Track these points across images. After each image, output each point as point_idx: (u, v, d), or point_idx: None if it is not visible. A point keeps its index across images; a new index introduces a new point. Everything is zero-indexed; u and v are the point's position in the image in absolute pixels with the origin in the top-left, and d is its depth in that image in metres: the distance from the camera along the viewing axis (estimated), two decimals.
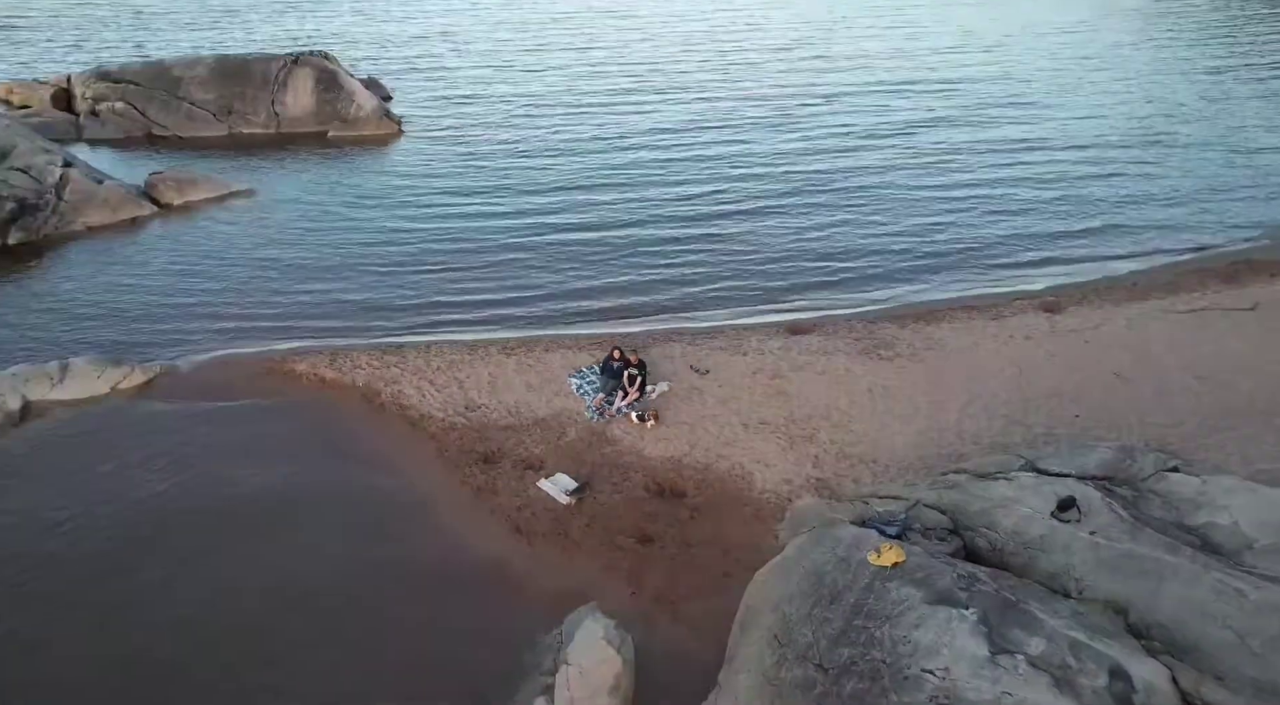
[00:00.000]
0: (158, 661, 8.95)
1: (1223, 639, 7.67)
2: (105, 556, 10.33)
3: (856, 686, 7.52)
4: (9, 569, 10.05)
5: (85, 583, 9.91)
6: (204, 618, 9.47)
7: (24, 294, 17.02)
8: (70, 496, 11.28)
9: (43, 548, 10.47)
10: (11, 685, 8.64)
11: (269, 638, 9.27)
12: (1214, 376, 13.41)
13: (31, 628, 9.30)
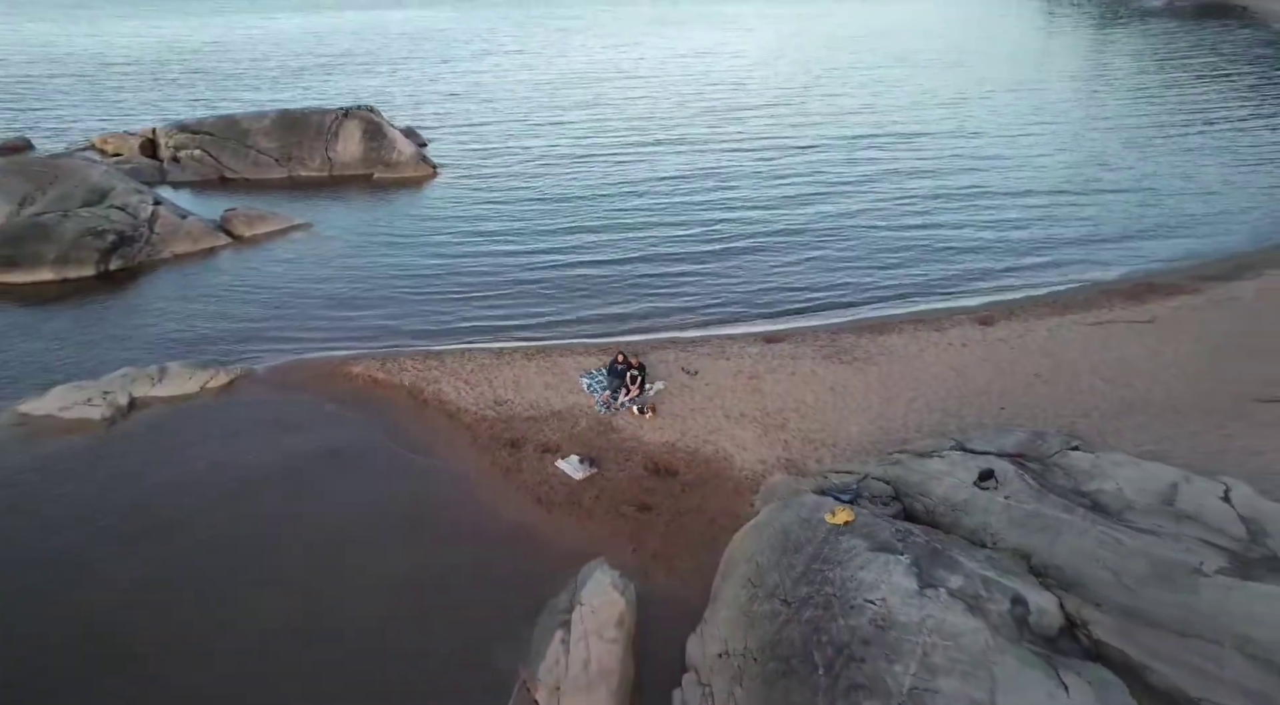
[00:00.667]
0: (256, 566, 9.88)
1: (1102, 577, 8.54)
2: (203, 509, 11.32)
3: (813, 614, 8.39)
4: (138, 509, 11.04)
5: (180, 525, 10.86)
6: (286, 544, 10.42)
7: (125, 310, 18.03)
8: (173, 468, 12.25)
9: (156, 499, 11.46)
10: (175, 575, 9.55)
11: (337, 573, 10.20)
12: (1116, 377, 14.34)
13: (171, 539, 10.24)
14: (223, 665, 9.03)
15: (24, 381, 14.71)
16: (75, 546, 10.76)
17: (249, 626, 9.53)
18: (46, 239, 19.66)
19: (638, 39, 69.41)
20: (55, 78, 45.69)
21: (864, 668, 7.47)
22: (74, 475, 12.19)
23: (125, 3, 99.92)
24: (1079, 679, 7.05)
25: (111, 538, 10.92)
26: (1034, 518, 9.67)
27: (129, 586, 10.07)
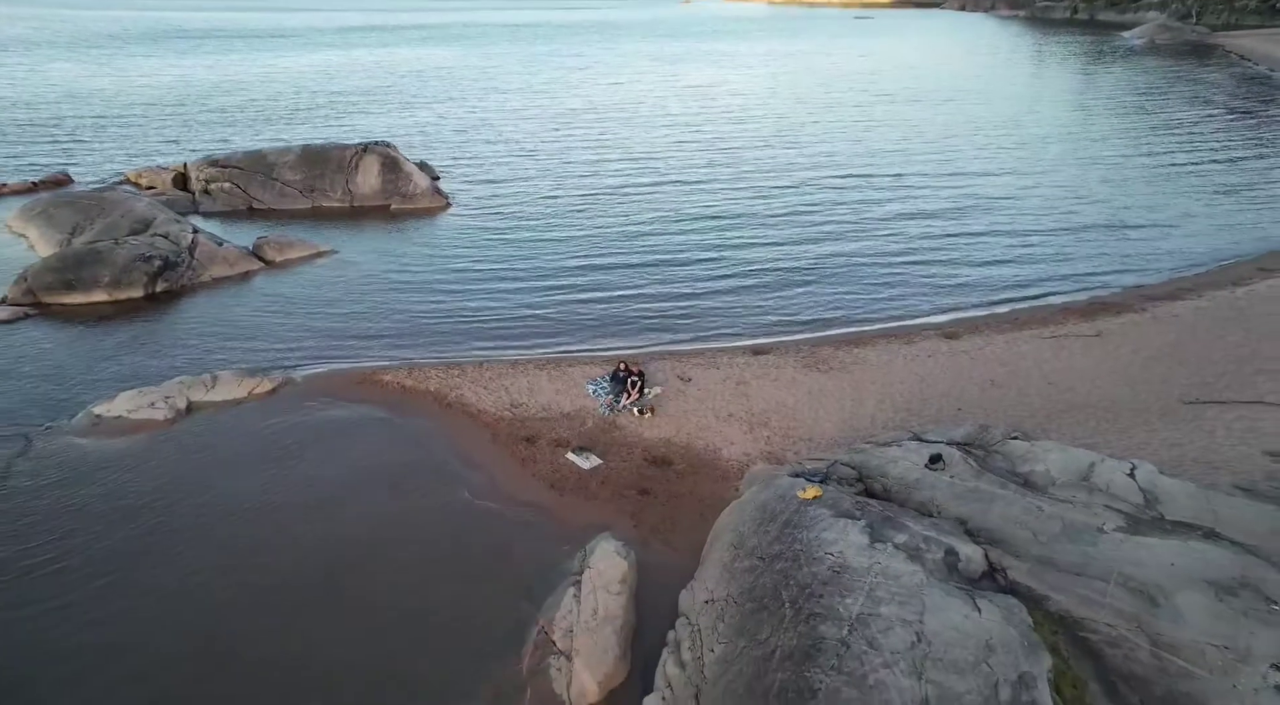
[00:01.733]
0: (305, 538, 11.70)
1: (1023, 535, 10.37)
2: (250, 492, 13.15)
3: (783, 565, 10.20)
4: (202, 490, 12.88)
5: (240, 503, 12.71)
6: (333, 520, 12.25)
7: (175, 328, 20.01)
8: (229, 458, 14.13)
9: (216, 484, 13.29)
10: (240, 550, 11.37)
11: (382, 547, 12.02)
12: (1061, 382, 16.30)
13: (233, 513, 12.08)
14: (295, 607, 10.82)
15: (93, 388, 16.63)
16: (151, 523, 12.58)
17: (314, 570, 11.35)
18: (101, 264, 21.74)
19: (638, 77, 72.76)
20: (83, 116, 48.35)
21: (821, 601, 9.28)
22: (144, 466, 14.05)
23: (137, 42, 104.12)
24: (990, 604, 8.85)
25: (182, 515, 12.75)
26: (973, 492, 11.53)
27: (196, 555, 11.89)
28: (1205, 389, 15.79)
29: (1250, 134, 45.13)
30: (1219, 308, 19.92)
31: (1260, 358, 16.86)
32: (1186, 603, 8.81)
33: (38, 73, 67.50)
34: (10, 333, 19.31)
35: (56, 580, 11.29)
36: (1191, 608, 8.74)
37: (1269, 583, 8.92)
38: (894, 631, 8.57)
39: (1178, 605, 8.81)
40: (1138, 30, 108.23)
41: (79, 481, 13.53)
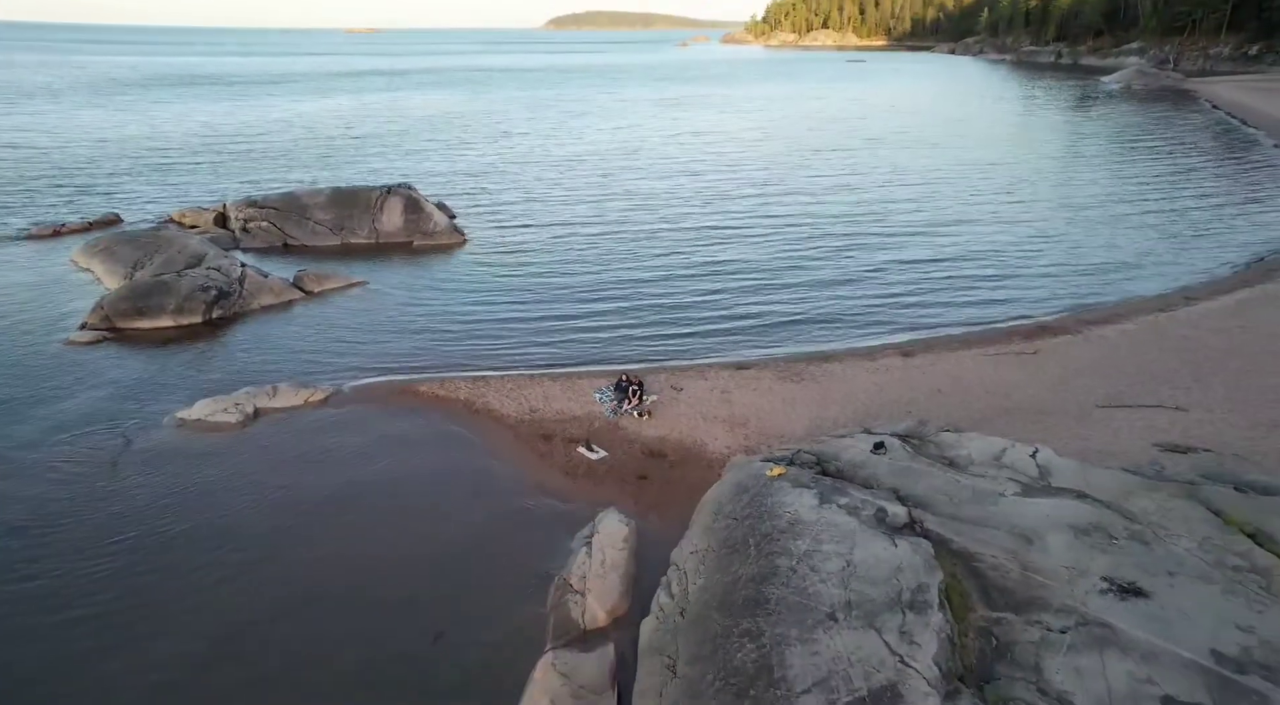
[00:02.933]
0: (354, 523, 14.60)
1: (941, 500, 13.25)
2: (298, 491, 16.07)
3: (751, 522, 13.07)
4: (273, 478, 15.81)
5: (306, 488, 15.62)
6: (386, 502, 15.16)
7: (232, 348, 23.09)
8: (294, 454, 17.08)
9: (286, 474, 16.22)
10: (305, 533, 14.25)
11: (429, 520, 14.91)
12: (998, 391, 19.30)
13: (300, 497, 14.98)
14: (364, 558, 13.66)
15: (170, 398, 19.63)
16: (234, 505, 15.45)
17: (375, 535, 14.21)
18: (167, 294, 24.95)
19: (640, 121, 77.29)
20: (119, 161, 52.26)
21: (778, 543, 12.16)
22: (224, 460, 16.98)
23: (155, 88, 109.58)
24: (905, 542, 11.72)
25: (255, 501, 15.62)
26: (906, 470, 14.46)
27: (267, 531, 14.75)
28: (1117, 396, 18.79)
29: (1207, 176, 48.91)
30: (1142, 331, 23.04)
31: (1166, 372, 19.90)
32: (1052, 541, 11.71)
33: (70, 120, 71.91)
34: (93, 352, 22.41)
35: (163, 549, 14.15)
36: (1055, 544, 11.63)
37: (1113, 525, 11.83)
38: (830, 560, 11.46)
39: (1046, 542, 11.71)
40: (1116, 76, 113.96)
41: (173, 473, 16.45)
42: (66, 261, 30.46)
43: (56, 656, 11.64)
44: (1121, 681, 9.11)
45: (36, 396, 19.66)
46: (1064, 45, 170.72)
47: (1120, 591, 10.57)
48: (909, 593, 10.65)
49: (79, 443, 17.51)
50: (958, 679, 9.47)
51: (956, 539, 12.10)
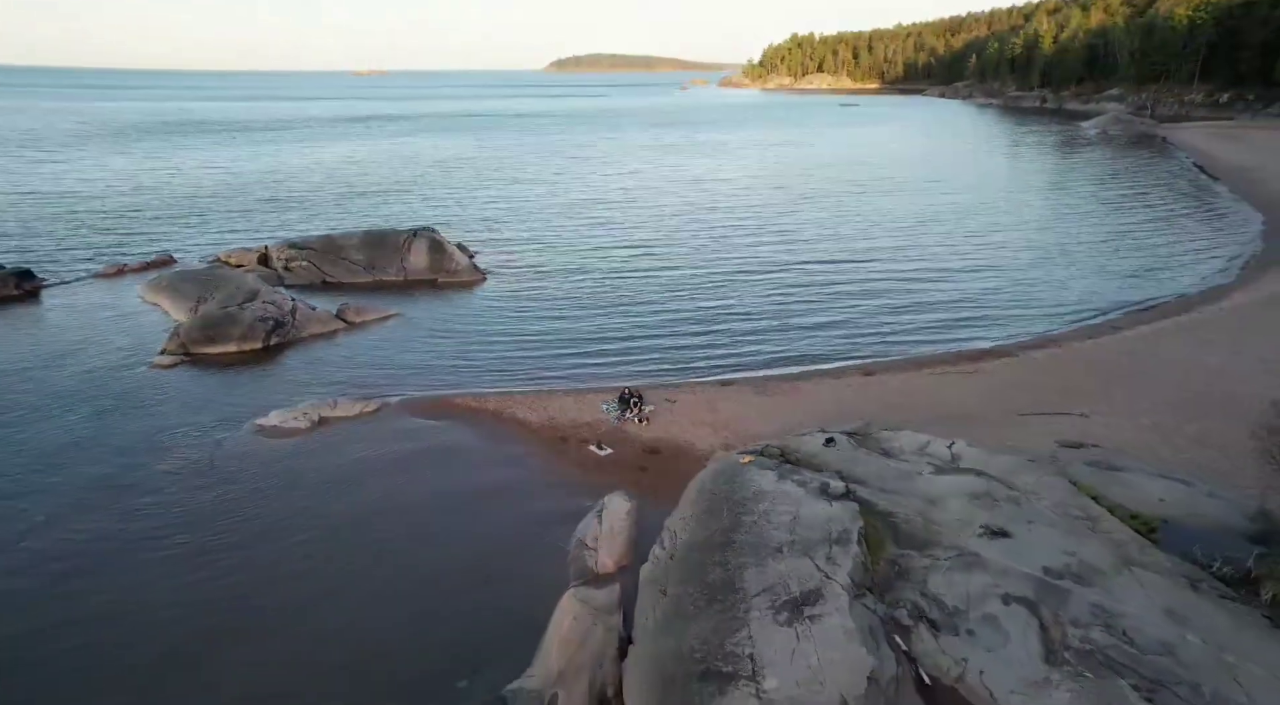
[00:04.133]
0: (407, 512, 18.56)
1: (873, 478, 17.21)
2: (366, 477, 20.07)
3: (725, 494, 17.02)
4: (340, 472, 19.82)
5: (367, 479, 19.61)
6: (435, 488, 19.14)
7: (291, 370, 27.21)
8: (355, 454, 21.10)
9: (349, 468, 20.23)
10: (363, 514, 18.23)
11: (471, 501, 18.87)
12: (939, 402, 23.34)
13: (364, 487, 18.97)
14: (423, 530, 17.59)
15: (247, 409, 23.72)
16: (313, 491, 19.45)
17: (430, 511, 18.14)
18: (233, 323, 29.22)
19: (640, 166, 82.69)
20: (156, 206, 57.15)
21: (744, 506, 16.11)
22: (300, 459, 20.98)
23: (177, 134, 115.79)
24: (839, 503, 15.66)
25: (331, 486, 19.60)
26: (849, 458, 18.46)
27: (345, 508, 18.71)
28: (1036, 406, 22.86)
29: (1159, 220, 53.64)
30: (1068, 354, 27.20)
31: (1080, 387, 23.97)
32: (951, 503, 15.69)
33: (104, 167, 77.21)
34: (174, 373, 26.57)
35: (264, 523, 18.10)
36: (952, 505, 15.60)
37: (997, 492, 15.83)
38: (781, 515, 15.43)
39: (946, 504, 15.68)
40: (1095, 121, 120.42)
41: (261, 466, 20.45)
42: (135, 297, 34.83)
43: (202, 598, 15.54)
44: (978, 587, 13.04)
45: (138, 409, 23.76)
46: (1048, 90, 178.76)
47: (992, 534, 14.53)
48: (836, 534, 14.60)
49: (181, 445, 21.55)
50: (866, 589, 13.39)
51: (880, 503, 16.08)
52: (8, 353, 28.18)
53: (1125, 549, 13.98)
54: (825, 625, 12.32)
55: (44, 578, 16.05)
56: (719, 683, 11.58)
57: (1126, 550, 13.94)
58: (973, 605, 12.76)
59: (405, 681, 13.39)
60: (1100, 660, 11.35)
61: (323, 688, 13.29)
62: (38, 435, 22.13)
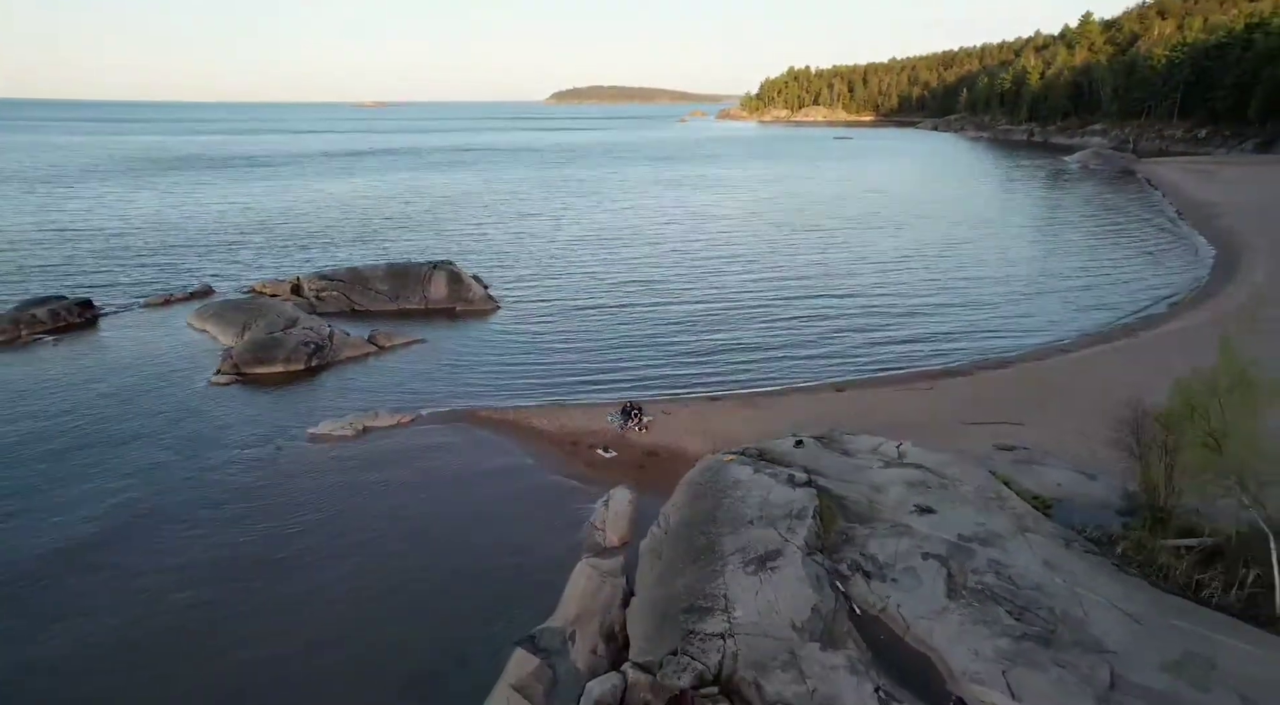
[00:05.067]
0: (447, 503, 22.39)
1: (833, 470, 21.04)
2: (407, 474, 23.91)
3: (711, 484, 20.85)
4: (385, 471, 23.67)
5: (408, 479, 23.46)
6: (467, 484, 22.98)
7: (333, 387, 31.14)
8: (394, 456, 24.96)
9: (393, 469, 24.07)
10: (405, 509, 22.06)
11: (497, 498, 22.69)
12: (898, 413, 27.21)
13: (402, 484, 22.80)
14: (455, 525, 21.38)
15: (298, 420, 27.59)
16: (363, 489, 23.24)
17: (463, 504, 21.93)
18: (279, 347, 33.24)
19: (641, 202, 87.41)
20: (186, 240, 61.55)
21: (725, 493, 19.91)
22: (348, 461, 24.81)
23: (192, 169, 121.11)
24: (801, 488, 19.48)
25: (378, 484, 23.41)
26: (814, 456, 22.31)
27: (391, 503, 22.50)
28: (981, 416, 26.77)
29: (1119, 253, 58.02)
30: (1016, 373, 31.16)
31: (1021, 401, 27.87)
32: (892, 490, 19.51)
33: (131, 203, 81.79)
34: (230, 390, 30.50)
35: (323, 516, 21.90)
36: (894, 491, 19.42)
37: (930, 480, 19.67)
38: (754, 498, 19.24)
39: (888, 490, 19.51)
40: (1077, 156, 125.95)
41: (318, 468, 24.28)
42: (184, 324, 38.90)
43: (289, 560, 19.30)
44: (904, 548, 16.84)
45: (205, 420, 27.66)
46: (1035, 124, 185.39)
47: (921, 511, 18.36)
48: (796, 511, 18.41)
49: (248, 450, 25.42)
50: (817, 550, 17.17)
51: (836, 489, 19.92)
52: (83, 372, 32.16)
53: (1023, 520, 17.81)
54: (783, 574, 16.09)
55: (138, 549, 19.83)
56: (700, 613, 15.32)
57: (1024, 521, 17.77)
58: (899, 561, 16.55)
59: (457, 621, 17.10)
60: (988, 595, 15.13)
61: (395, 619, 17.01)
62: (125, 439, 25.98)
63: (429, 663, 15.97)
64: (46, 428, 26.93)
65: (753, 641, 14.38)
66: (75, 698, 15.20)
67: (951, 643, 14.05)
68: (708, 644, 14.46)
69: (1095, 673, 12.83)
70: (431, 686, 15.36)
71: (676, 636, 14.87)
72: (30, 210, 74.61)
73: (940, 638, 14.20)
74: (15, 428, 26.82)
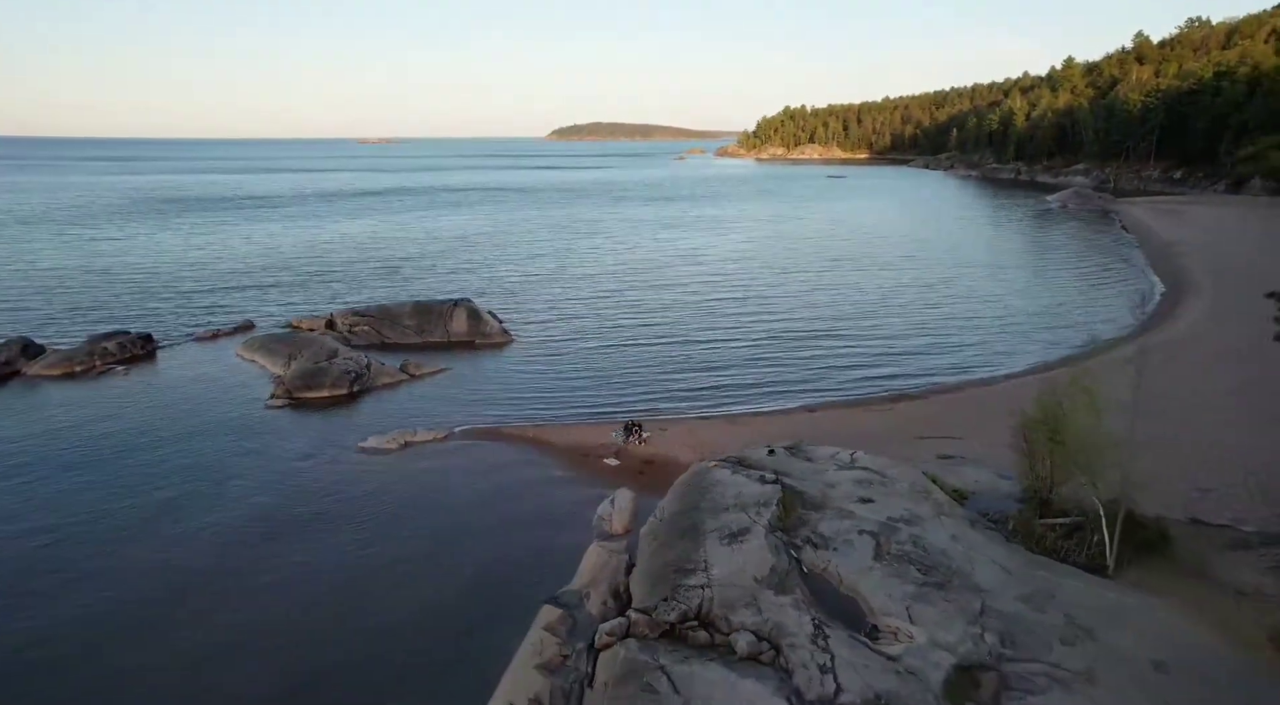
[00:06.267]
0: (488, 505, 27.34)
1: (796, 472, 25.93)
2: (446, 479, 28.88)
3: (697, 483, 25.73)
4: (424, 479, 28.62)
5: (446, 485, 28.41)
6: (495, 487, 27.94)
7: (374, 409, 36.15)
8: (432, 465, 29.93)
9: (432, 476, 29.02)
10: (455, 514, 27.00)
11: (519, 499, 27.62)
12: (861, 430, 32.19)
13: (439, 489, 27.77)
14: (490, 518, 26.27)
15: (348, 436, 32.59)
16: (407, 493, 28.15)
17: (489, 506, 26.84)
18: (324, 375, 38.38)
19: (641, 241, 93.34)
20: (218, 279, 67.19)
21: (708, 489, 24.83)
22: (394, 471, 29.76)
23: (212, 210, 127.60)
24: (770, 484, 24.38)
25: (422, 488, 28.32)
26: (783, 461, 27.24)
27: (434, 504, 27.41)
28: (929, 432, 31.77)
29: (1078, 291, 63.48)
30: (964, 397, 36.21)
31: (965, 419, 32.83)
32: (843, 486, 24.43)
33: (158, 243, 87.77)
34: (285, 412, 35.54)
35: (378, 518, 26.81)
36: (843, 487, 24.34)
37: (874, 479, 24.62)
38: (730, 492, 24.17)
39: (839, 486, 24.44)
40: (1058, 195, 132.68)
41: (369, 475, 29.20)
42: (234, 355, 44.12)
43: (355, 550, 24.17)
44: (845, 527, 21.72)
45: (267, 436, 32.67)
46: (1022, 164, 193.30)
47: (862, 501, 23.27)
48: (763, 501, 23.31)
49: (307, 460, 30.39)
50: (778, 529, 22.04)
51: (797, 486, 24.84)
52: (156, 396, 37.28)
53: (941, 508, 22.71)
54: (750, 545, 20.95)
55: (251, 535, 24.71)
56: (686, 573, 20.15)
57: (942, 508, 22.67)
58: (840, 536, 21.41)
59: (497, 587, 21.92)
60: (904, 558, 19.98)
61: (450, 587, 21.81)
62: (204, 451, 30.97)
63: (479, 616, 20.77)
64: (137, 441, 31.92)
65: (724, 590, 19.20)
66: (248, 667, 19.98)
67: (873, 590, 18.87)
68: (691, 592, 19.27)
69: (970, 604, 17.66)
70: (484, 631, 20.13)
71: (668, 589, 19.68)
72: (72, 252, 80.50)
73: (865, 587, 19.02)
74: (111, 441, 31.81)
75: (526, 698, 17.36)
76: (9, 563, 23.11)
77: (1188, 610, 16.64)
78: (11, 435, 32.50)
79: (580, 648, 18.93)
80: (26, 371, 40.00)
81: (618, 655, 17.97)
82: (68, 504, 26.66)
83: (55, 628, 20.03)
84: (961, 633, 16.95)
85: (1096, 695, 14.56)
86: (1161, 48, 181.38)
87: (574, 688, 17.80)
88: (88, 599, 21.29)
